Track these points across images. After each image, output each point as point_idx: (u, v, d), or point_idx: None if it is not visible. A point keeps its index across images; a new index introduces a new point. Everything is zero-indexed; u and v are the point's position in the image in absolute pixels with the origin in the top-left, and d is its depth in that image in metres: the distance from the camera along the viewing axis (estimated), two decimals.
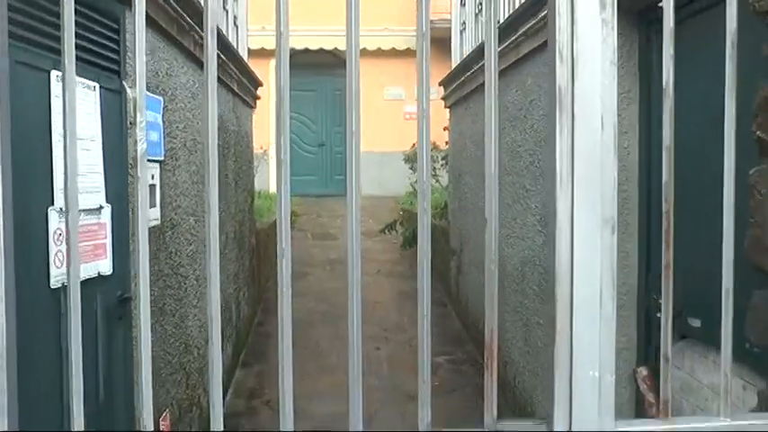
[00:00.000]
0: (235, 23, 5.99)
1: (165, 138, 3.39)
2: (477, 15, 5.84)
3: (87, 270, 2.51)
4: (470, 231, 6.14)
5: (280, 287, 1.31)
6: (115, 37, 2.77)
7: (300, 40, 13.75)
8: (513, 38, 4.28)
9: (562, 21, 1.32)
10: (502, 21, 4.83)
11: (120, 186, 2.80)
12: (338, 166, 14.62)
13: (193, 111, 4.13)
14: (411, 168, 12.39)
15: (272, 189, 13.86)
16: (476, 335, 6.04)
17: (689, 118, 2.41)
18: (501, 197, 5.12)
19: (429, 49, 1.29)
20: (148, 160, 3.26)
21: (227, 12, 5.63)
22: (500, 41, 4.68)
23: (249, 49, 13.49)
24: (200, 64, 4.27)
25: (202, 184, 4.36)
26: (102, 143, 2.67)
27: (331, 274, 8.58)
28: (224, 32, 5.22)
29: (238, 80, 5.68)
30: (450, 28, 9.09)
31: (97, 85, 2.58)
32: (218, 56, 4.74)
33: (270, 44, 13.72)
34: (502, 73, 4.90)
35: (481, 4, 5.67)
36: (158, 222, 3.30)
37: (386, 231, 9.32)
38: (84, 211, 2.49)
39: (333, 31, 13.83)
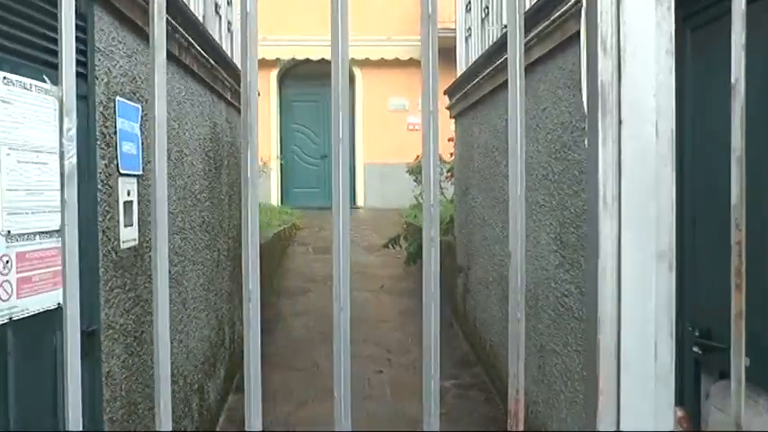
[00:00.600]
0: (229, 29, 5.69)
1: (143, 149, 3.08)
2: (483, 20, 5.54)
3: (44, 301, 2.19)
4: (478, 247, 5.82)
5: (245, 320, 1.02)
6: (81, 36, 2.46)
7: (302, 49, 13.51)
8: (527, 38, 3.97)
9: (605, 2, 1.03)
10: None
11: (89, 205, 2.49)
12: None
13: (179, 120, 3.82)
14: (415, 180, 12.09)
15: (273, 201, 13.59)
16: (484, 356, 5.71)
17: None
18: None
19: (437, 36, 1.03)
20: (125, 174, 2.96)
21: (219, 17, 5.34)
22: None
23: None
24: (187, 70, 3.97)
25: (190, 199, 4.06)
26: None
27: (332, 290, 8.24)
28: (215, 39, 4.91)
29: (233, 89, 5.37)
30: (454, 37, 8.82)
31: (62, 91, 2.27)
32: (209, 62, 4.44)
33: (270, 54, 13.51)
34: None
35: (487, 8, 5.37)
36: (135, 243, 2.98)
37: (389, 246, 9.00)
38: (40, 233, 2.18)
39: None
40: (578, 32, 3.02)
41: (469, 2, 6.04)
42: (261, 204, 11.36)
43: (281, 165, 13.66)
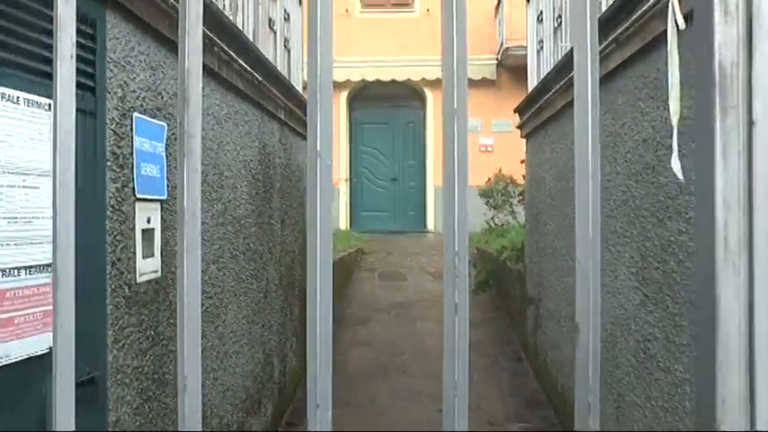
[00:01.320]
0: (285, 46, 5.44)
1: (169, 172, 2.79)
2: (555, 30, 5.11)
3: (30, 346, 1.91)
4: (549, 278, 5.34)
5: None
6: (90, 45, 2.19)
7: (372, 71, 13.31)
8: (599, 48, 3.53)
9: None
10: None
11: (94, 234, 2.20)
12: (411, 201, 13.99)
13: (218, 140, 3.55)
14: (487, 204, 11.62)
15: (341, 225, 13.36)
16: (555, 398, 5.19)
17: None
18: None
19: None
20: (145, 200, 2.68)
21: (274, 33, 5.09)
22: None
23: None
24: (228, 86, 3.70)
25: (231, 225, 3.77)
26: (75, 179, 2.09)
27: (396, 319, 7.86)
28: (268, 55, 4.66)
29: (287, 108, 5.10)
30: (525, 55, 8.39)
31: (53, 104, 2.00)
32: (256, 79, 4.17)
33: (340, 76, 13.35)
34: None
35: (560, 17, 4.94)
36: (158, 275, 2.69)
37: None
38: (26, 268, 1.89)
39: (405, 61, 13.33)
40: (663, 33, 2.58)
41: (541, 12, 5.61)
42: None
43: (349, 188, 13.42)
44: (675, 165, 2.53)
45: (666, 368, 2.78)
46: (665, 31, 2.51)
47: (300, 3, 6.06)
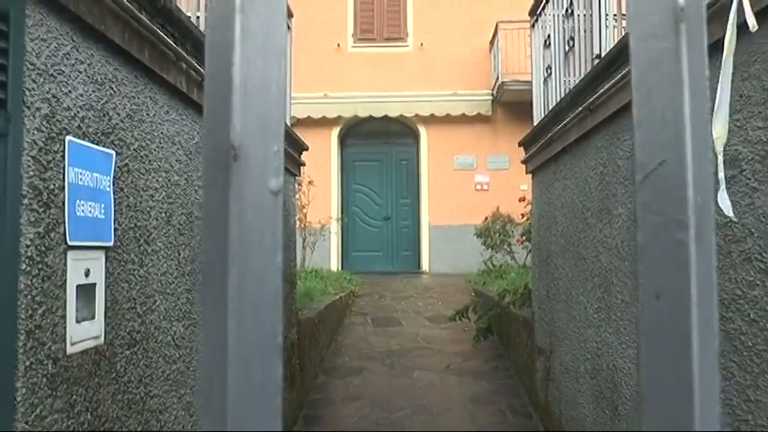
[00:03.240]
0: None
1: (118, 212, 2.26)
2: (567, 54, 4.65)
3: None
4: (564, 329, 4.79)
5: None
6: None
7: (364, 106, 12.91)
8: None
9: None
10: (607, 51, 3.64)
11: (4, 291, 1.66)
12: (404, 241, 13.48)
13: (187, 174, 3.02)
14: (484, 244, 11.13)
15: (333, 265, 12.78)
16: None
17: None
18: (613, 292, 3.79)
19: None
20: (82, 247, 2.13)
21: None
22: (606, 76, 3.45)
23: (310, 116, 12.73)
24: (200, 110, 3.19)
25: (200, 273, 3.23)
26: None
27: (392, 370, 7.27)
28: None
29: None
30: (525, 90, 7.96)
31: None
32: None
33: (331, 112, 12.92)
34: (608, 120, 3.66)
35: (572, 39, 4.48)
36: (99, 342, 2.14)
37: (457, 318, 7.99)
38: None
39: (398, 97, 12.93)
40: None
41: (548, 36, 5.16)
42: (318, 270, 10.58)
43: (341, 227, 12.90)
44: (723, 200, 2.02)
45: None
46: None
47: (289, 27, 5.61)
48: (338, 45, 13.36)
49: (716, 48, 2.05)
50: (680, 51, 0.35)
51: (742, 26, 2.04)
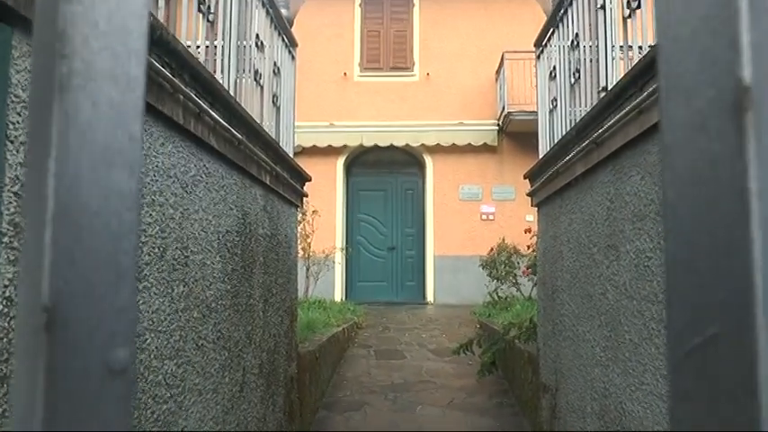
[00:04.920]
0: (274, 103, 4.92)
1: None
2: (572, 86, 4.59)
3: None
4: (570, 366, 4.67)
5: None
6: None
7: (370, 136, 12.90)
8: (637, 100, 2.98)
9: None
10: (613, 84, 3.57)
11: None
12: (409, 271, 13.37)
13: (183, 207, 2.95)
14: (489, 275, 11.01)
15: (337, 296, 12.67)
16: None
17: None
18: (620, 332, 3.68)
19: None
20: None
21: (261, 87, 4.57)
22: (612, 110, 3.38)
23: (316, 145, 12.72)
24: (197, 143, 3.13)
25: (197, 310, 3.14)
26: None
27: (393, 405, 7.11)
28: (250, 111, 4.12)
29: (273, 172, 4.54)
30: (531, 120, 7.91)
31: None
32: (235, 137, 3.61)
33: (337, 141, 12.91)
34: (615, 154, 3.58)
35: (578, 71, 4.43)
36: None
37: (461, 352, 7.85)
38: None
39: (404, 126, 12.92)
40: None
41: (554, 68, 5.11)
42: (322, 300, 10.46)
43: (345, 257, 12.80)
44: None
45: None
46: None
47: (294, 57, 5.58)
48: (345, 74, 13.39)
49: None
50: (745, 153, 0.24)
51: None
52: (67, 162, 0.19)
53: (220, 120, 3.32)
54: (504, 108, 12.33)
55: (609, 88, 3.80)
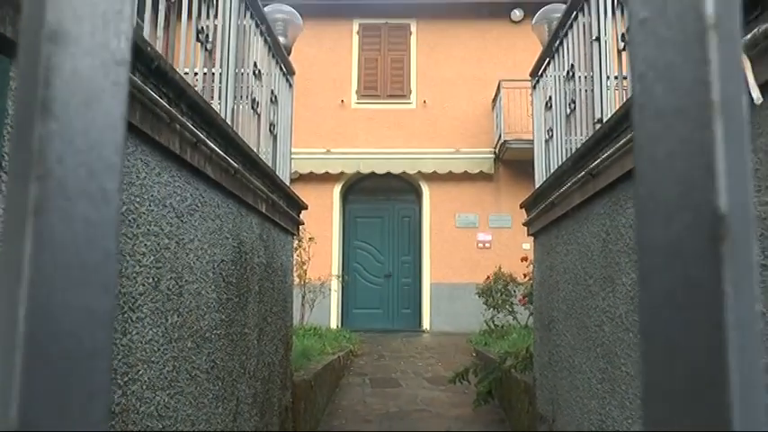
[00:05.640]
0: (271, 131, 4.94)
1: None
2: (568, 117, 4.62)
3: None
4: (567, 398, 4.63)
5: None
6: None
7: (367, 163, 12.92)
8: (633, 133, 3.00)
9: None
10: (609, 115, 3.60)
11: None
12: (405, 298, 13.33)
13: (178, 237, 2.94)
14: (485, 303, 10.98)
15: (333, 323, 12.60)
16: None
17: None
18: (617, 364, 3.66)
19: None
20: None
21: (258, 115, 4.58)
22: (608, 142, 3.39)
23: (313, 172, 12.74)
24: (193, 172, 3.13)
25: (191, 340, 3.12)
26: None
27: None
28: (247, 139, 4.13)
29: (269, 200, 4.54)
30: (527, 148, 7.94)
31: None
32: (231, 167, 3.62)
33: (334, 167, 12.93)
34: (611, 186, 3.58)
35: (574, 102, 4.46)
36: None
37: (457, 381, 7.80)
38: None
39: (401, 154, 12.96)
40: None
41: (549, 98, 5.15)
42: (317, 328, 10.40)
43: (341, 284, 12.75)
44: None
45: None
46: None
47: (291, 85, 5.61)
48: (342, 101, 13.47)
49: None
50: (722, 282, 0.24)
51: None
52: (41, 286, 0.19)
53: (217, 149, 3.32)
54: (500, 136, 12.39)
55: (604, 120, 3.83)
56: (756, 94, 1.95)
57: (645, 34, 0.23)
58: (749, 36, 2.01)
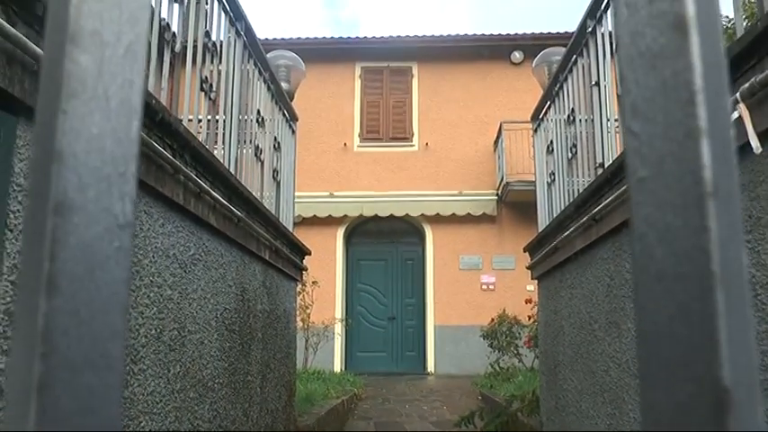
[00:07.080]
0: (274, 178, 4.96)
1: None
2: (570, 161, 4.63)
3: None
4: None
5: None
6: None
7: (370, 206, 12.94)
8: None
9: None
10: (610, 160, 3.61)
11: None
12: (409, 341, 13.23)
13: (181, 287, 2.94)
14: (490, 346, 10.89)
15: (336, 366, 12.48)
16: None
17: None
18: (625, 410, 3.62)
19: None
20: None
21: (261, 162, 4.61)
22: (610, 187, 3.40)
23: (316, 215, 12.76)
24: (197, 222, 3.14)
25: (193, 390, 3.09)
26: None
27: None
28: (250, 187, 4.15)
29: (272, 247, 4.54)
30: (530, 190, 7.95)
31: None
32: (235, 216, 3.63)
33: (337, 211, 12.95)
34: (614, 231, 3.58)
35: (575, 146, 4.48)
36: None
37: (463, 425, 7.69)
38: None
39: (403, 196, 12.99)
40: None
41: (551, 142, 5.17)
42: (321, 371, 10.30)
43: (344, 327, 12.66)
44: None
45: None
46: None
47: (294, 131, 5.66)
48: (345, 144, 13.55)
49: None
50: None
51: (744, 147, 1.98)
52: None
53: (220, 198, 3.34)
54: (503, 178, 12.42)
55: (605, 164, 3.84)
56: (756, 143, 1.95)
57: (644, 194, 0.23)
58: (747, 85, 2.02)
